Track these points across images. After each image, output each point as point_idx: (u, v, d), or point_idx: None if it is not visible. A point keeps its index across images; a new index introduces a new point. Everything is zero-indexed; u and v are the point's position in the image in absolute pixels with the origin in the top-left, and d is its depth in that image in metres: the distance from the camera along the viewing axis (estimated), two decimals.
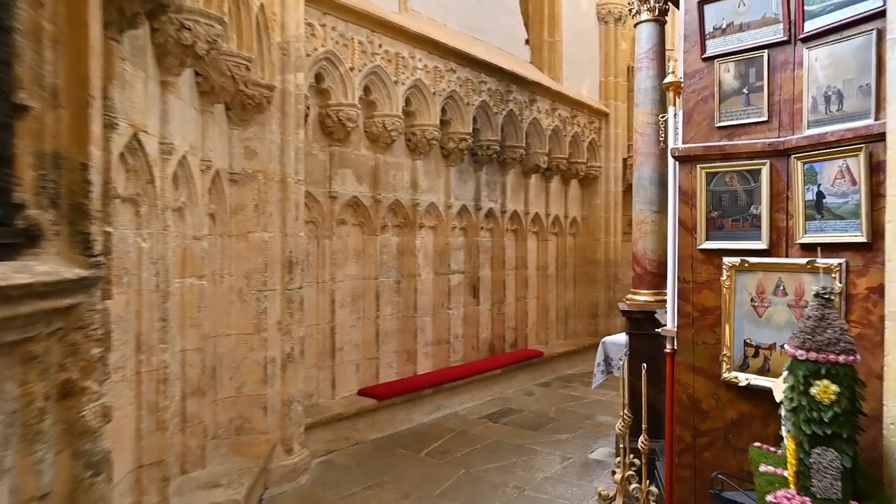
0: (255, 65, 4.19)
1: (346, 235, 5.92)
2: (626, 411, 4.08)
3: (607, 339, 5.49)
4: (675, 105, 3.34)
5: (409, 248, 6.54)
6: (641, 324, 4.66)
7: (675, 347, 3.35)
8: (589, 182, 9.59)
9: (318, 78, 5.40)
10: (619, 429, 4.05)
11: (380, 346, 6.20)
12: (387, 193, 6.23)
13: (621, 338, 5.43)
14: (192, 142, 3.62)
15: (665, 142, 3.89)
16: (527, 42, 8.65)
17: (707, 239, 3.10)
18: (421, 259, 6.73)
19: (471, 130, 6.93)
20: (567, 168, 8.82)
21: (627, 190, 9.67)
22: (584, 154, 9.20)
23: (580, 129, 9.04)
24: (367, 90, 5.84)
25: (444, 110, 6.66)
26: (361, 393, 5.86)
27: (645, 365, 3.71)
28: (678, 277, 3.23)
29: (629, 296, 4.88)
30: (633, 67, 9.92)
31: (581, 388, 7.84)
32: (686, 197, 3.19)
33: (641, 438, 3.76)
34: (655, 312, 4.49)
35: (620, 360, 5.34)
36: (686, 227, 3.19)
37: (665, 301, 4.69)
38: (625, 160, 9.79)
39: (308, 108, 5.17)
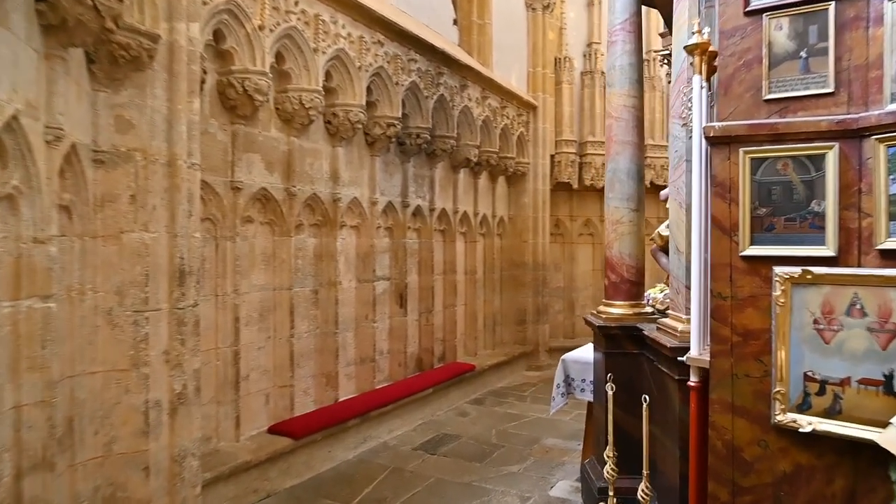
0: (133, 5, 3.04)
1: (252, 236, 4.80)
2: (611, 451, 3.37)
3: (568, 356, 4.79)
4: (701, 73, 2.63)
5: (328, 252, 5.51)
6: (619, 341, 3.98)
7: (702, 380, 2.63)
8: (517, 180, 8.96)
9: (218, 36, 4.26)
10: (609, 473, 3.33)
11: (295, 370, 5.12)
12: (303, 185, 5.17)
13: (584, 354, 4.75)
14: (29, 97, 2.44)
15: (682, 121, 3.23)
16: (455, 22, 7.85)
17: (752, 243, 2.41)
18: (342, 264, 5.72)
19: (400, 115, 6.01)
20: (497, 163, 8.12)
21: (556, 188, 9.17)
22: (514, 149, 8.55)
23: (509, 121, 8.38)
24: (279, 57, 4.75)
25: (369, 90, 5.69)
26: (273, 430, 4.77)
27: (647, 398, 3.00)
28: (711, 291, 2.52)
29: (602, 308, 4.18)
30: (560, 59, 9.47)
31: (517, 403, 7.16)
32: (721, 189, 2.49)
33: (642, 487, 3.05)
34: (638, 328, 3.83)
35: (584, 381, 4.66)
36: (721, 228, 2.49)
37: (646, 314, 4.05)
38: (552, 157, 9.27)
39: (205, 72, 4.03)
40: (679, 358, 2.82)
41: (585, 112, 9.50)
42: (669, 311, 3.48)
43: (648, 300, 4.49)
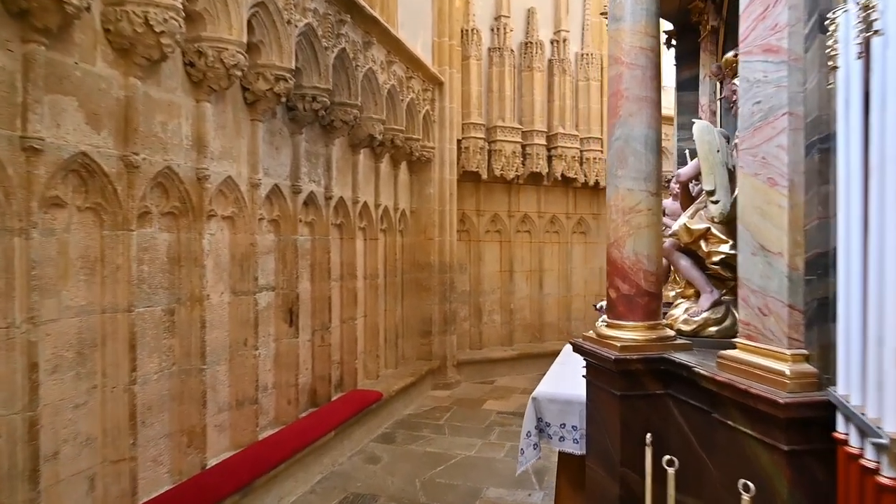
0: None
1: (63, 229, 3.01)
2: None
3: (541, 393, 3.55)
4: None
5: (190, 253, 3.81)
6: (639, 379, 2.81)
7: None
8: (421, 166, 7.63)
9: None
10: None
11: (138, 432, 3.38)
12: (151, 154, 3.44)
13: (562, 390, 3.55)
14: None
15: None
16: None
17: None
18: (211, 271, 4.03)
19: (292, 67, 4.42)
20: (402, 145, 6.73)
21: (462, 178, 7.99)
22: (419, 129, 7.21)
23: (415, 96, 7.03)
24: None
25: (251, 26, 4.06)
26: None
27: (675, 462, 1.84)
28: None
29: (605, 330, 2.99)
30: (468, 31, 8.28)
31: (435, 437, 5.84)
32: None
33: None
34: (668, 360, 2.68)
35: (565, 426, 3.45)
36: None
37: (670, 340, 2.91)
38: (459, 142, 8.07)
39: None
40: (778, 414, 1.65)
41: (494, 94, 8.41)
42: (746, 342, 2.35)
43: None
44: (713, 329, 2.97)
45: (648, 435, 2.52)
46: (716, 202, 2.86)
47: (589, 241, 9.59)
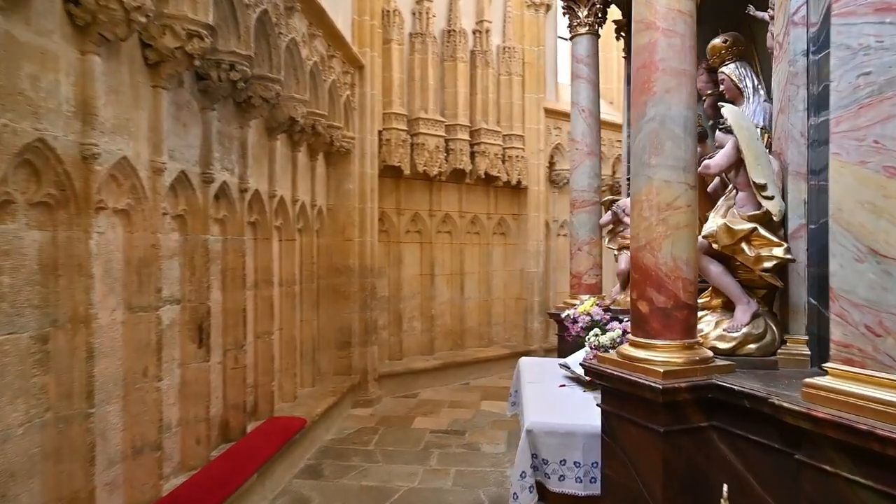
0: None
1: None
2: None
3: (536, 424, 2.97)
4: None
5: (72, 258, 2.82)
6: (684, 410, 2.32)
7: None
8: (339, 158, 6.82)
9: None
10: None
11: None
12: (13, 119, 2.45)
13: (560, 420, 3.00)
14: None
15: None
16: None
17: None
18: (100, 281, 3.05)
19: (208, 23, 3.50)
20: (323, 132, 5.90)
21: (384, 173, 7.29)
22: (341, 116, 6.41)
23: (336, 78, 6.22)
24: None
25: None
26: None
27: None
28: None
29: (631, 351, 2.47)
30: (389, 11, 7.56)
31: (369, 466, 5.10)
32: None
33: None
34: (720, 386, 2.22)
35: (565, 462, 2.90)
36: None
37: (710, 362, 2.42)
38: (380, 133, 7.34)
39: None
40: None
41: (416, 83, 7.77)
42: (844, 367, 1.91)
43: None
44: (753, 346, 2.57)
45: (725, 487, 2.03)
46: (770, 197, 2.44)
47: (509, 242, 9.23)
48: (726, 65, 3.64)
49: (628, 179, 5.04)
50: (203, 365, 4.04)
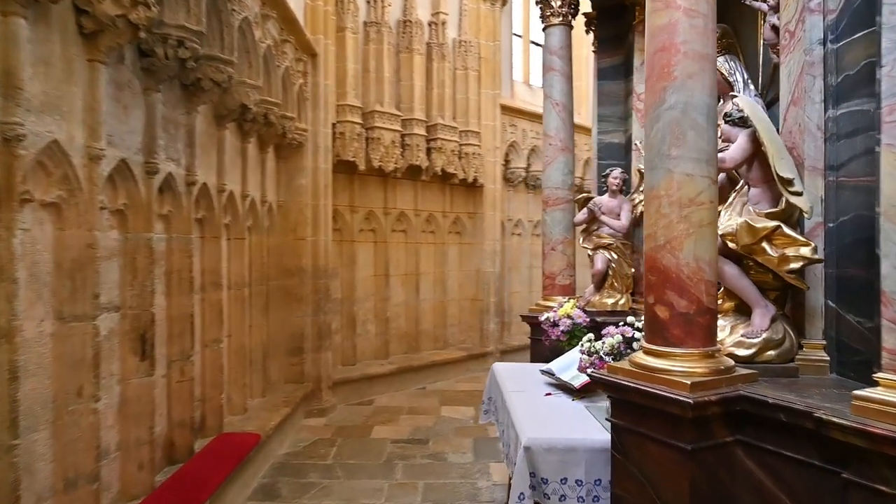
0: None
1: None
2: None
3: (535, 441, 2.69)
4: None
5: None
6: (709, 426, 2.12)
7: None
8: (291, 152, 6.38)
9: None
10: None
11: None
12: None
13: (560, 435, 2.75)
14: None
15: None
16: None
17: None
18: (25, 286, 2.58)
19: None
20: (276, 122, 5.46)
21: (338, 168, 6.92)
22: (294, 106, 5.99)
23: (290, 65, 5.79)
24: None
25: None
26: None
27: None
28: None
29: (646, 360, 2.25)
30: None
31: (331, 484, 4.73)
32: None
33: None
34: (751, 399, 2.03)
35: (565, 481, 2.66)
36: None
37: (731, 372, 2.22)
38: (334, 126, 6.94)
39: None
40: None
41: (371, 74, 7.40)
42: (893, 377, 1.75)
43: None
44: (773, 353, 2.40)
45: None
46: (798, 193, 2.27)
47: (464, 241, 8.99)
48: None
49: (604, 177, 4.92)
50: (146, 380, 3.57)
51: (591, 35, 5.48)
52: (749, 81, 3.41)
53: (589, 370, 2.84)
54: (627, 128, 5.16)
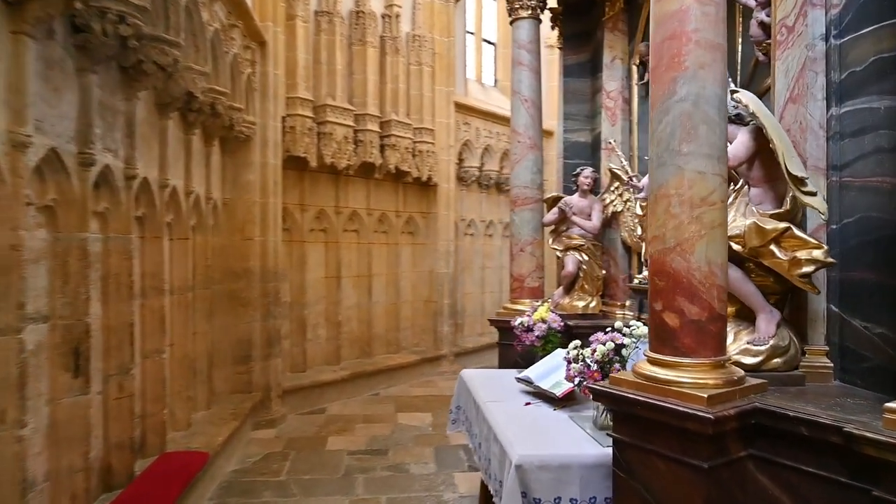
0: None
1: None
2: None
3: (526, 458, 2.48)
4: None
5: None
6: (724, 441, 1.98)
7: None
8: (237, 145, 5.96)
9: None
10: None
11: None
12: None
13: (552, 450, 2.56)
14: None
15: None
16: None
17: None
18: None
19: None
20: (224, 113, 5.06)
21: (287, 164, 6.56)
22: (243, 96, 5.59)
23: (238, 52, 5.39)
24: None
25: None
26: None
27: None
28: None
29: (653, 370, 2.09)
30: None
31: (279, 500, 4.43)
32: None
33: None
34: (761, 406, 1.91)
35: (559, 501, 2.48)
36: None
37: (743, 381, 2.08)
38: (284, 119, 6.56)
39: None
40: None
41: (323, 66, 7.05)
42: None
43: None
44: (779, 360, 2.30)
45: None
46: (812, 193, 2.16)
47: (417, 242, 8.75)
48: None
49: (574, 176, 4.80)
50: (80, 399, 3.16)
51: (557, 31, 5.36)
52: (730, 79, 3.34)
53: (586, 382, 2.67)
54: (595, 126, 5.06)
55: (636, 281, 3.68)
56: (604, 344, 2.71)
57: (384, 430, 6.12)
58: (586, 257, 4.51)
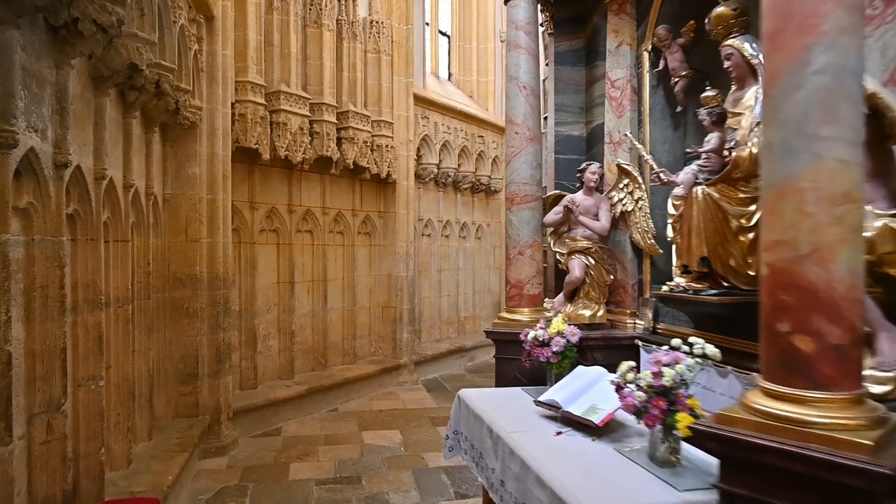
0: None
1: None
2: None
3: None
4: None
5: None
6: (882, 499, 1.59)
7: None
8: (181, 134, 5.19)
9: None
10: None
11: None
12: None
13: (627, 499, 2.11)
14: None
15: None
16: None
17: None
18: None
19: None
20: (170, 93, 4.32)
21: (235, 156, 5.86)
22: (189, 76, 4.84)
23: (185, 24, 4.65)
24: None
25: None
26: None
27: None
28: None
29: (786, 408, 1.68)
30: None
31: None
32: None
33: None
34: None
35: None
36: None
37: (879, 417, 1.70)
38: (233, 105, 5.83)
39: None
40: None
41: (276, 49, 6.36)
42: None
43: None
44: None
45: None
46: None
47: (374, 243, 8.16)
48: (734, 37, 3.09)
49: (579, 171, 4.38)
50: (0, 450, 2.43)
51: (546, 15, 4.95)
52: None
53: (651, 411, 2.23)
54: (591, 119, 4.68)
55: (665, 288, 3.32)
56: (672, 367, 2.28)
57: (351, 452, 5.52)
58: (593, 261, 4.11)
